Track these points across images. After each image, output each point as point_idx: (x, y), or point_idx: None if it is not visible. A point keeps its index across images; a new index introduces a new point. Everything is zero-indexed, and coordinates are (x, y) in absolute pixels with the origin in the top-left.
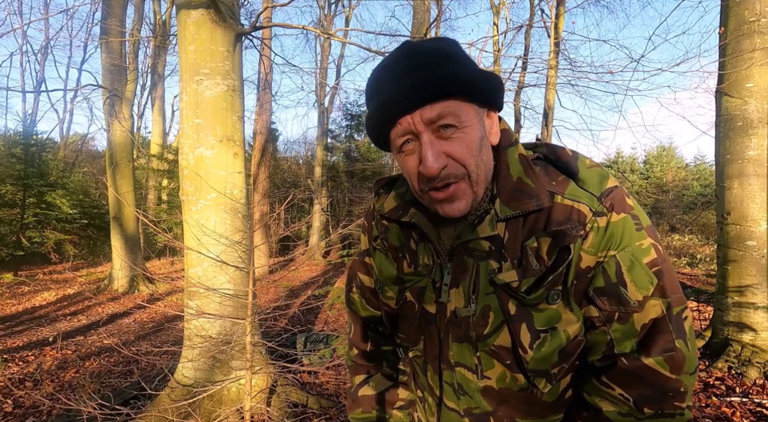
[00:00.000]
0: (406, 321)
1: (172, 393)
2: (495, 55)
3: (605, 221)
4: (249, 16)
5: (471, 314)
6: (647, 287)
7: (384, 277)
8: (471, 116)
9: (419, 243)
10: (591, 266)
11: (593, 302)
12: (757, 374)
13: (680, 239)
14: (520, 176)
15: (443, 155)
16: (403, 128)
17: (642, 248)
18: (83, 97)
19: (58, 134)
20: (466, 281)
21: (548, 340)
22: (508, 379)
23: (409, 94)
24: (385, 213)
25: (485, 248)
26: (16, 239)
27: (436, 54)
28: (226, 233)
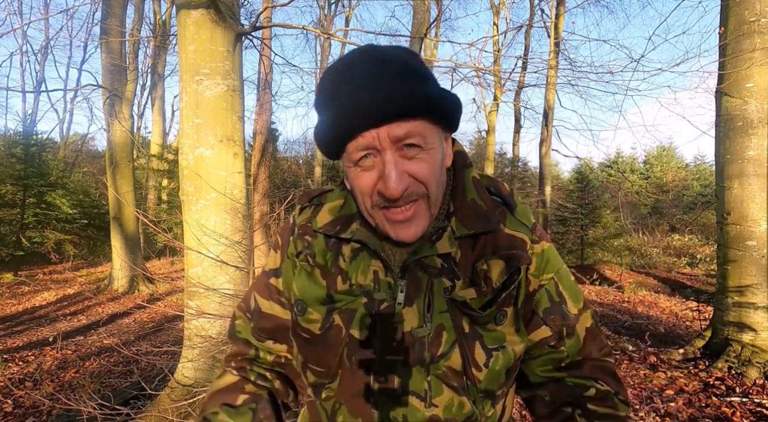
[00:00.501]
0: (329, 349)
1: (172, 393)
2: (495, 55)
3: (540, 248)
4: (249, 16)
5: (427, 334)
6: (579, 300)
7: (309, 297)
8: (435, 137)
9: (352, 260)
10: (535, 289)
11: (546, 322)
12: (757, 374)
13: (680, 239)
14: (473, 198)
15: (406, 175)
16: (366, 141)
17: (566, 269)
18: (83, 97)
19: (58, 134)
20: (421, 300)
21: (500, 358)
22: (455, 408)
23: (380, 107)
24: (318, 228)
25: (438, 266)
26: (16, 239)
27: (407, 67)
28: (226, 233)
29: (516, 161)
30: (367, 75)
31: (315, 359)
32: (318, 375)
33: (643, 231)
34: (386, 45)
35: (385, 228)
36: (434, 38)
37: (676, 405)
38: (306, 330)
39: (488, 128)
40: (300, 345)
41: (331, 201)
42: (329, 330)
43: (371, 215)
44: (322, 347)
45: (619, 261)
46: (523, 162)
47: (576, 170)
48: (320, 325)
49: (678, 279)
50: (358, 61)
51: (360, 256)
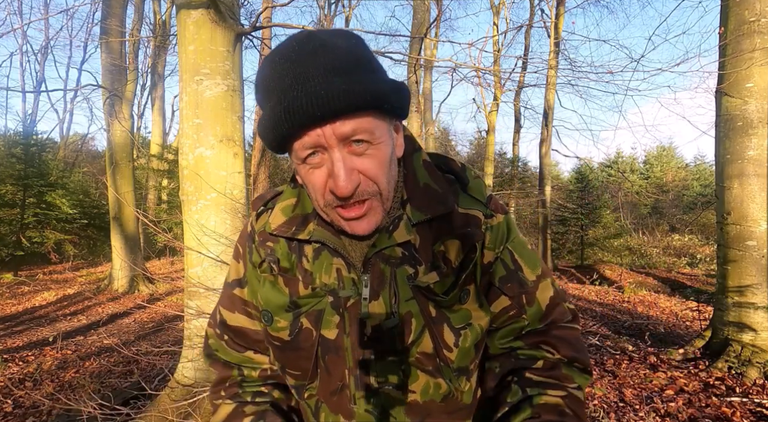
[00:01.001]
0: (302, 353)
1: (172, 393)
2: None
3: (495, 221)
4: (249, 16)
5: (396, 325)
6: (537, 266)
7: (273, 306)
8: (383, 131)
9: (315, 260)
10: (491, 260)
11: (502, 291)
12: (757, 374)
13: (680, 239)
14: (427, 182)
15: (356, 173)
16: (311, 140)
17: (521, 238)
18: (83, 97)
19: (58, 134)
20: (386, 291)
21: (468, 336)
22: (432, 389)
23: (322, 104)
24: (272, 231)
25: (399, 255)
26: (16, 239)
27: (348, 57)
28: (226, 233)
29: (516, 161)
30: (305, 69)
31: (290, 364)
32: (296, 378)
33: (643, 231)
34: (327, 30)
35: (341, 224)
36: (434, 38)
37: (676, 405)
38: (276, 338)
39: (488, 128)
40: (275, 352)
41: (283, 201)
42: (298, 334)
43: (325, 212)
44: (295, 352)
45: (619, 261)
46: (523, 162)
47: (576, 170)
48: (288, 331)
49: (678, 279)
50: (296, 51)
51: (322, 255)
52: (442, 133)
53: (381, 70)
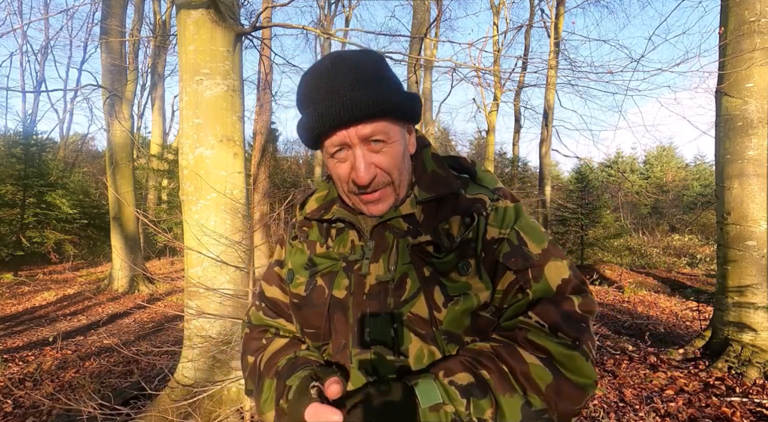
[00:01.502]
0: (315, 309)
1: (172, 393)
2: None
3: (503, 204)
4: (249, 16)
5: (390, 280)
6: (542, 240)
7: (296, 265)
8: (396, 132)
9: (336, 237)
10: (496, 237)
11: (506, 266)
12: (757, 374)
13: (680, 239)
14: (433, 169)
15: (373, 166)
16: (338, 138)
17: (534, 221)
18: (83, 97)
19: (58, 134)
20: (387, 254)
21: (461, 302)
22: (426, 357)
23: (348, 111)
24: (306, 214)
25: (404, 228)
26: (16, 239)
27: (370, 72)
28: (226, 233)
29: (516, 161)
30: (335, 82)
31: (306, 322)
32: (312, 337)
33: (643, 231)
34: (352, 50)
35: (360, 207)
36: (434, 38)
37: (676, 405)
38: (295, 294)
39: (488, 128)
40: (294, 313)
41: (318, 193)
42: (313, 290)
43: (348, 198)
44: (309, 308)
45: (619, 261)
46: (523, 162)
47: (576, 170)
48: (305, 287)
49: (678, 279)
50: (329, 69)
51: (343, 233)
52: (442, 133)
53: (397, 84)
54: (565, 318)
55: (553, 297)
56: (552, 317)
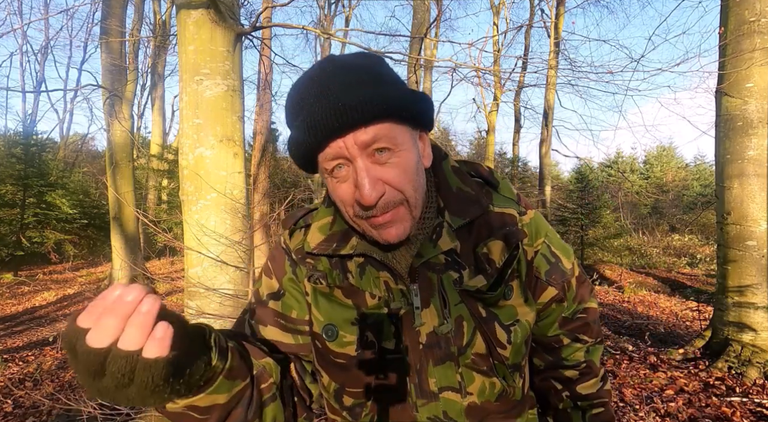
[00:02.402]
0: (363, 368)
1: None
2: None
3: (528, 218)
4: (249, 16)
5: (450, 330)
6: (570, 255)
7: (339, 320)
8: (406, 138)
9: (363, 276)
10: (532, 256)
11: (550, 283)
12: (757, 374)
13: (680, 239)
14: (459, 186)
15: (380, 183)
16: (333, 151)
17: (552, 230)
18: (83, 97)
19: (58, 134)
20: (435, 298)
21: (518, 332)
22: (488, 390)
23: (341, 116)
24: (312, 250)
25: (442, 261)
26: (16, 239)
27: (366, 73)
28: (226, 233)
29: (516, 161)
30: (325, 86)
31: (353, 382)
32: (356, 396)
33: (643, 231)
34: (348, 54)
35: (372, 234)
36: (434, 38)
37: (676, 405)
38: (341, 354)
39: (488, 128)
40: (334, 372)
41: (319, 220)
42: (365, 349)
43: (357, 224)
44: (360, 369)
45: (619, 261)
46: (523, 162)
47: (576, 170)
48: (356, 346)
49: (678, 279)
50: (317, 74)
51: (367, 270)
52: (442, 133)
53: (400, 83)
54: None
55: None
56: (596, 330)
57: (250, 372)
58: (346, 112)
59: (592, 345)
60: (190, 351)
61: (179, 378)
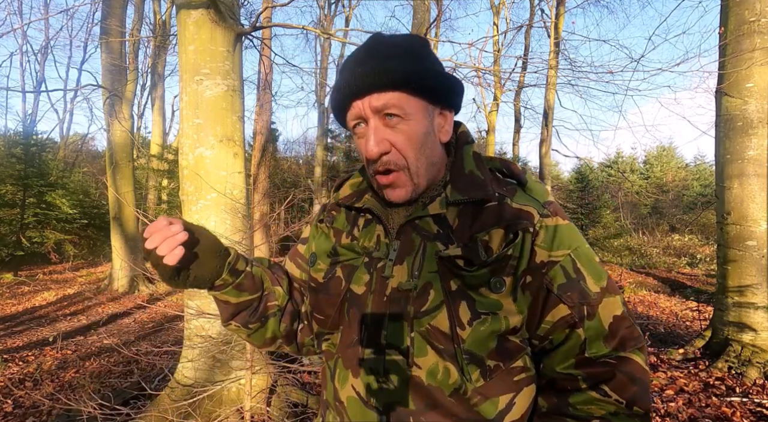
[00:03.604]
0: (329, 298)
1: (172, 393)
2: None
3: (553, 222)
4: (249, 16)
5: (412, 288)
6: (602, 278)
7: (320, 250)
8: (417, 109)
9: (363, 228)
10: (545, 261)
11: (561, 299)
12: (757, 374)
13: (680, 239)
14: (472, 170)
15: (386, 142)
16: (355, 111)
17: (588, 248)
18: (83, 97)
19: (58, 134)
20: (411, 257)
21: (488, 322)
22: (440, 374)
23: (359, 82)
24: (339, 199)
25: (433, 231)
26: (16, 239)
27: (393, 47)
28: (226, 233)
29: (516, 161)
30: (361, 56)
31: (318, 308)
32: (319, 323)
33: (643, 231)
34: (394, 33)
35: (381, 192)
36: (434, 38)
37: (676, 405)
38: (314, 279)
39: (488, 128)
40: (310, 296)
41: (353, 179)
42: (330, 279)
43: (373, 180)
44: (324, 295)
45: (619, 261)
46: (523, 162)
47: (576, 170)
48: (323, 274)
49: (678, 279)
50: (362, 45)
51: (370, 226)
52: None
53: (429, 62)
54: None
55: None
56: (629, 391)
57: (259, 291)
58: (365, 78)
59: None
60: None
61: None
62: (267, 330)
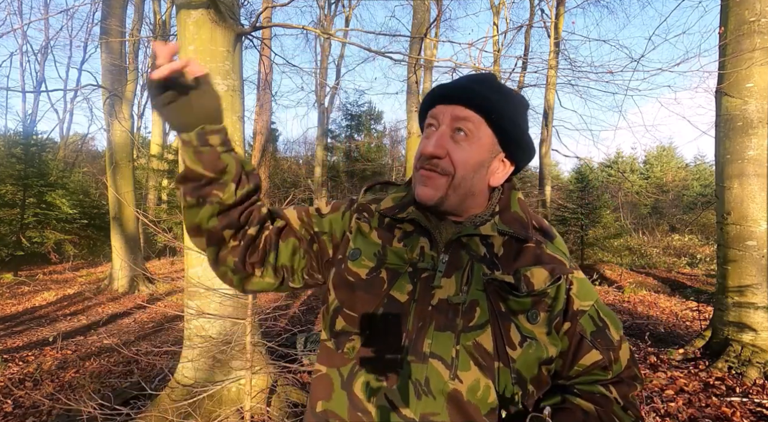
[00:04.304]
0: (368, 298)
1: (172, 393)
2: (495, 55)
3: (580, 276)
4: (249, 16)
5: (462, 302)
6: (619, 327)
7: (365, 247)
8: (484, 137)
9: (404, 239)
10: (577, 310)
11: (594, 346)
12: (757, 374)
13: (680, 239)
14: (516, 211)
15: (444, 148)
16: (436, 111)
17: (604, 304)
18: (83, 97)
19: (58, 134)
20: (460, 274)
21: (533, 346)
22: (480, 391)
23: (452, 91)
24: (381, 210)
25: (480, 253)
26: (16, 239)
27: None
28: None
29: None
30: (471, 77)
31: (350, 303)
32: (347, 320)
33: (643, 231)
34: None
35: (416, 186)
36: (434, 38)
37: (676, 405)
38: (354, 273)
39: None
40: (341, 290)
41: (395, 193)
42: (375, 278)
43: (414, 174)
44: (363, 292)
45: (619, 261)
46: None
47: (576, 170)
48: (368, 271)
49: (678, 279)
50: (480, 74)
51: (411, 237)
52: None
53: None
54: (632, 400)
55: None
56: (624, 396)
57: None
58: (459, 91)
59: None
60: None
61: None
62: (196, 215)
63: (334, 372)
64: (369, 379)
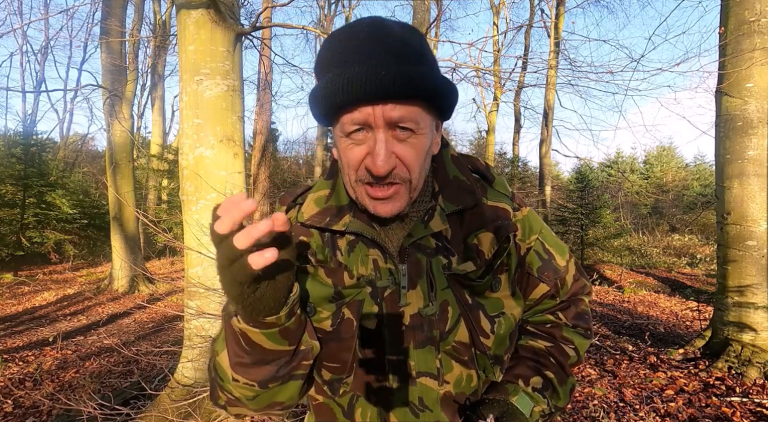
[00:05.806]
0: (342, 344)
1: (172, 393)
2: (495, 55)
3: (521, 214)
4: (249, 16)
5: (434, 313)
6: (565, 253)
7: (316, 298)
8: (427, 124)
9: (351, 254)
10: (525, 252)
11: (542, 280)
12: (757, 374)
13: (680, 239)
14: (456, 175)
15: (394, 156)
16: (362, 116)
17: (547, 227)
18: (83, 97)
19: (58, 134)
20: (423, 280)
21: (502, 324)
22: (464, 381)
23: (381, 85)
24: (305, 220)
25: (432, 245)
26: (16, 239)
27: (412, 48)
28: None
29: (516, 161)
30: (371, 49)
31: (329, 357)
32: (334, 371)
33: (643, 231)
34: (393, 20)
35: (365, 202)
36: (434, 38)
37: (676, 405)
38: (318, 329)
39: (488, 128)
40: None
41: (316, 191)
42: (341, 324)
43: (353, 188)
44: (335, 343)
45: (619, 261)
46: (523, 162)
47: (576, 170)
48: (331, 322)
49: (678, 279)
50: (364, 31)
51: (357, 247)
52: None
53: (436, 68)
54: (581, 315)
55: (571, 300)
56: (573, 316)
57: (296, 343)
58: (386, 83)
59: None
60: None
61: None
62: (280, 393)
63: (332, 403)
64: (367, 408)
